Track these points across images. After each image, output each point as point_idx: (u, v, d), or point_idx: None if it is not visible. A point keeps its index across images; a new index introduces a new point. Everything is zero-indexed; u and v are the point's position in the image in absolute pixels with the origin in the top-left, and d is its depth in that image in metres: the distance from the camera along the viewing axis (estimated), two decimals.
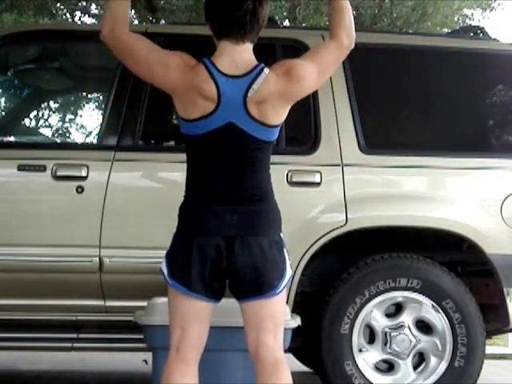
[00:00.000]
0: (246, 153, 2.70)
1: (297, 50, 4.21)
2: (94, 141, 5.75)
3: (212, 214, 2.68)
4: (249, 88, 2.65)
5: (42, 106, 7.81)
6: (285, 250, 2.75)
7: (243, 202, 2.69)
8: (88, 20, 11.68)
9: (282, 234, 2.77)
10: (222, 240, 2.66)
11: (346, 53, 2.87)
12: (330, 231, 4.05)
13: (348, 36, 2.82)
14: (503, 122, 4.56)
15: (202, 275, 2.66)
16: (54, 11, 10.70)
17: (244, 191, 2.71)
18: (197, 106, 2.66)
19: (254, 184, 2.72)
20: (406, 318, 4.12)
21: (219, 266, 2.67)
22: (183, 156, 2.82)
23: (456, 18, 12.49)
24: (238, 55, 2.70)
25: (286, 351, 2.79)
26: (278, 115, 2.71)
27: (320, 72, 2.78)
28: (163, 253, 2.79)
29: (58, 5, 11.02)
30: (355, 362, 4.04)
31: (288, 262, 2.75)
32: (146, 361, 4.84)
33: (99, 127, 4.31)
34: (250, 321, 2.72)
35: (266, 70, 2.69)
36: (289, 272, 2.74)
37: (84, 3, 11.23)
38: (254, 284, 2.66)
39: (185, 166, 2.80)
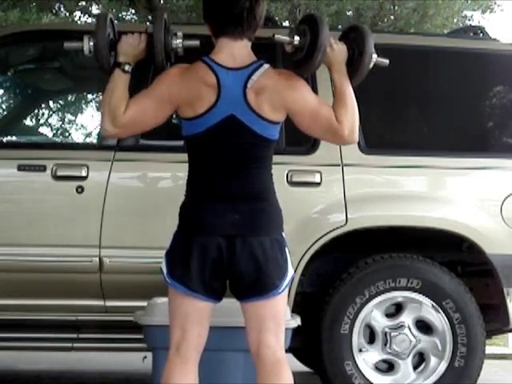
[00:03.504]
0: (247, 149, 2.71)
1: None
2: (94, 141, 5.75)
3: (213, 212, 2.68)
4: (248, 79, 2.67)
5: (42, 105, 7.81)
6: (286, 250, 2.75)
7: (244, 201, 2.70)
8: (88, 20, 11.68)
9: (284, 234, 2.77)
10: (223, 240, 2.66)
11: (340, 143, 2.90)
12: (330, 231, 4.05)
13: (350, 130, 2.77)
14: (503, 122, 4.56)
15: (202, 275, 2.66)
16: (55, 10, 10.69)
17: (245, 190, 2.71)
18: (203, 96, 2.67)
19: (255, 183, 2.72)
20: (406, 318, 4.12)
21: (220, 266, 2.67)
22: (183, 156, 2.83)
23: (456, 20, 12.48)
24: (236, 50, 2.73)
25: (286, 351, 2.78)
26: (272, 110, 2.71)
27: (312, 113, 2.75)
28: (163, 253, 2.79)
29: (58, 4, 11.01)
30: (355, 362, 4.04)
31: (290, 262, 2.75)
32: (145, 356, 4.84)
33: (99, 127, 4.31)
34: (252, 321, 2.72)
35: (266, 65, 2.72)
36: (290, 272, 2.74)
37: (84, 3, 11.23)
38: (255, 284, 2.66)
39: (185, 166, 2.81)
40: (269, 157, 2.78)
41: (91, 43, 2.83)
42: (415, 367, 4.14)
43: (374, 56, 2.92)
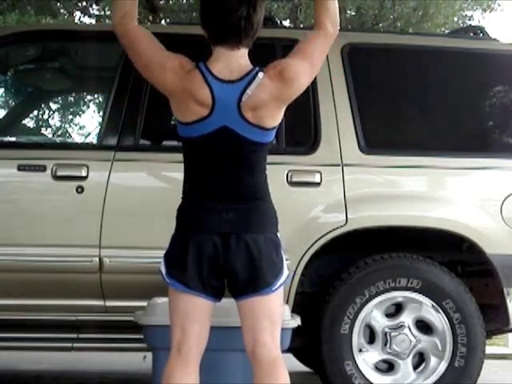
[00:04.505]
0: (242, 155, 2.72)
1: None
2: (94, 141, 5.75)
3: (208, 211, 2.70)
4: (243, 93, 2.67)
5: (42, 105, 7.82)
6: (281, 250, 2.76)
7: (239, 200, 2.71)
8: (88, 20, 11.69)
9: (279, 234, 2.78)
10: (218, 237, 2.67)
11: (332, 41, 2.86)
12: (330, 231, 4.05)
13: (333, 24, 2.82)
14: (503, 122, 4.55)
15: (200, 273, 2.67)
16: (55, 11, 10.70)
17: (240, 191, 2.72)
18: (191, 110, 2.68)
19: (250, 184, 2.74)
20: (406, 318, 4.11)
21: (216, 264, 2.68)
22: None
23: (456, 19, 12.49)
24: (233, 61, 2.71)
25: (286, 351, 2.78)
26: (273, 118, 2.73)
27: (311, 67, 2.79)
28: (163, 253, 2.79)
29: (59, 5, 11.02)
30: (355, 362, 4.04)
31: (285, 262, 2.76)
32: (145, 356, 4.84)
33: (99, 127, 4.31)
34: (247, 319, 2.72)
35: (261, 75, 2.70)
36: (285, 271, 2.75)
37: (84, 3, 11.23)
38: (249, 281, 2.67)
39: None
40: (263, 158, 2.79)
41: None
42: (415, 367, 4.14)
43: None
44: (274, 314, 2.73)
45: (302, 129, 4.25)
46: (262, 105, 2.68)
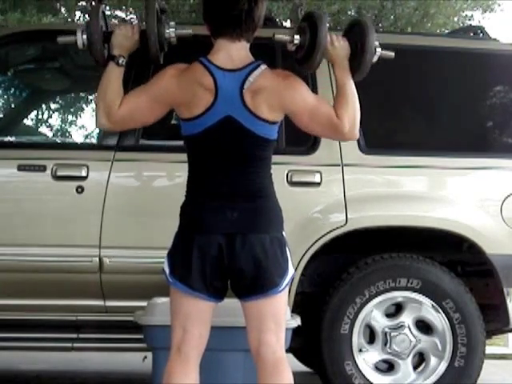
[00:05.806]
0: (245, 149, 2.71)
1: None
2: (94, 141, 5.75)
3: (212, 211, 2.69)
4: (245, 80, 2.68)
5: (42, 105, 7.81)
6: (287, 249, 2.75)
7: (243, 199, 2.70)
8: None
9: (284, 233, 2.77)
10: (222, 238, 2.66)
11: (341, 139, 2.88)
12: (330, 231, 4.05)
13: (351, 126, 2.77)
14: (503, 122, 4.55)
15: (203, 274, 2.66)
16: (55, 11, 10.68)
17: (244, 188, 2.72)
18: (199, 98, 2.68)
19: (254, 181, 2.73)
20: (406, 318, 4.12)
21: (220, 265, 2.67)
22: (183, 156, 2.83)
23: (456, 19, 12.48)
24: (234, 52, 2.74)
25: (286, 351, 2.78)
26: (270, 110, 2.71)
27: (311, 112, 2.75)
28: (163, 253, 2.79)
29: (58, 4, 11.01)
30: (355, 362, 4.04)
31: (290, 261, 2.75)
32: (146, 356, 4.84)
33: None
34: (252, 320, 2.72)
35: (263, 66, 2.73)
36: (291, 270, 2.74)
37: (84, 3, 11.22)
38: (255, 282, 2.67)
39: (185, 165, 2.82)
40: (268, 156, 2.78)
41: (84, 36, 2.80)
42: (415, 367, 4.14)
43: (378, 50, 2.90)
44: (279, 314, 2.72)
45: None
46: (262, 91, 2.68)
